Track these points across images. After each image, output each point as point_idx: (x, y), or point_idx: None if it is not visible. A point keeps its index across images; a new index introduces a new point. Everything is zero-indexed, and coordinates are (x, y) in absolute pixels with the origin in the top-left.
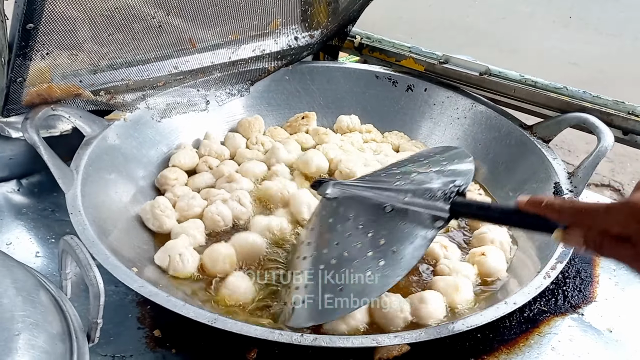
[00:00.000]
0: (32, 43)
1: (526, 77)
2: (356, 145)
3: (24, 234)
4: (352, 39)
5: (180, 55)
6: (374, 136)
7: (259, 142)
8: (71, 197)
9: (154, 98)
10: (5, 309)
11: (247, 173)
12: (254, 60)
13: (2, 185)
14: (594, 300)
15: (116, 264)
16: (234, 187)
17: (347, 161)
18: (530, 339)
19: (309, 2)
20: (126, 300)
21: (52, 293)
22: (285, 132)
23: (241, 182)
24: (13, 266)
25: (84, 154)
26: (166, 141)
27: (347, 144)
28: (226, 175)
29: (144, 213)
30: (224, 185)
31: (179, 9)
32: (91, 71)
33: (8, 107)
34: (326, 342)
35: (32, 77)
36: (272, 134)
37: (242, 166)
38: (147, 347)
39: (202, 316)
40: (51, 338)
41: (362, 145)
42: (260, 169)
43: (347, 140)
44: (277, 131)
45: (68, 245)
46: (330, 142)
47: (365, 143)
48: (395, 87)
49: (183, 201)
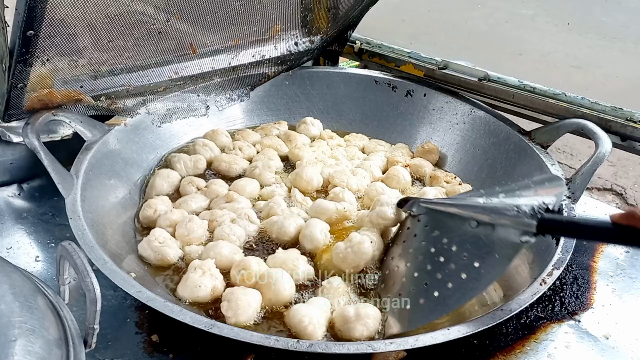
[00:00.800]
0: (32, 49)
1: (525, 83)
2: (327, 153)
3: (24, 238)
4: (352, 44)
5: (181, 60)
6: (338, 141)
7: (237, 147)
8: (71, 202)
9: (154, 103)
10: (2, 315)
11: (243, 191)
12: (254, 65)
13: (3, 189)
14: (590, 307)
15: (114, 269)
16: (236, 206)
17: (339, 174)
18: (527, 345)
19: (309, 8)
20: (124, 305)
21: (49, 298)
22: (255, 134)
23: (241, 200)
24: (11, 271)
25: (84, 159)
26: (166, 146)
27: (319, 153)
28: (222, 195)
29: (142, 250)
30: (224, 205)
31: (180, 14)
32: (92, 77)
33: (9, 112)
34: (322, 348)
35: (33, 82)
36: (242, 135)
37: (234, 184)
38: (144, 352)
39: (199, 322)
40: (48, 344)
41: (333, 152)
42: (254, 187)
43: (318, 151)
44: (246, 133)
45: (66, 251)
46: (306, 156)
47: (332, 150)
48: (395, 92)
49: (181, 227)
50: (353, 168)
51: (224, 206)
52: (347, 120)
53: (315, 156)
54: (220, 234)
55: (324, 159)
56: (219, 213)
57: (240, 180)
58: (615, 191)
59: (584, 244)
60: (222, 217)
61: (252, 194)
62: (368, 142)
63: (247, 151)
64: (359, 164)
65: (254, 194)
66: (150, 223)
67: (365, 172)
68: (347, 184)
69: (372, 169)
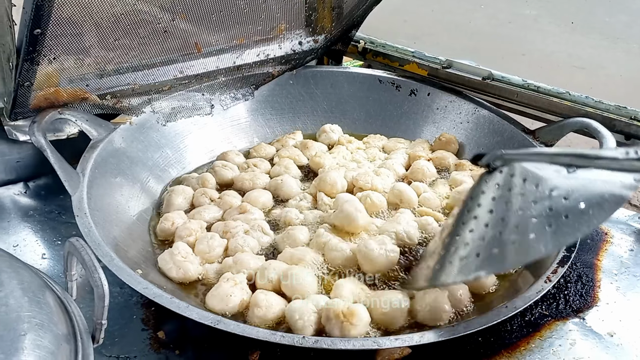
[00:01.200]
0: (39, 48)
1: (529, 82)
2: (348, 158)
3: (30, 236)
4: (356, 43)
5: (186, 59)
6: (357, 145)
7: (251, 165)
8: (77, 199)
9: (159, 102)
10: (11, 310)
11: (256, 203)
12: (259, 64)
13: (10, 187)
14: (595, 304)
15: (121, 265)
16: (249, 218)
17: (364, 175)
18: (532, 343)
19: (314, 7)
20: (131, 301)
21: (57, 294)
22: (270, 147)
23: (254, 212)
24: (20, 267)
25: (90, 157)
26: (171, 144)
27: (340, 159)
28: (235, 206)
29: (163, 263)
30: (237, 216)
31: (185, 14)
32: (98, 75)
33: (16, 110)
34: (327, 344)
35: (40, 81)
36: (257, 151)
37: (247, 196)
38: (151, 348)
39: (205, 318)
40: (56, 338)
41: (353, 156)
42: (267, 198)
43: (338, 156)
44: (261, 147)
45: (73, 247)
46: (327, 162)
47: (353, 153)
48: (399, 92)
49: (202, 244)
50: (376, 169)
51: (237, 217)
52: (351, 120)
53: (336, 162)
54: (235, 246)
55: (345, 163)
56: (233, 224)
57: (254, 191)
58: None
59: (588, 242)
60: (235, 229)
61: (265, 205)
62: (387, 142)
63: (262, 166)
64: (381, 164)
65: (267, 205)
66: (168, 236)
67: (388, 171)
68: (372, 185)
69: (395, 167)
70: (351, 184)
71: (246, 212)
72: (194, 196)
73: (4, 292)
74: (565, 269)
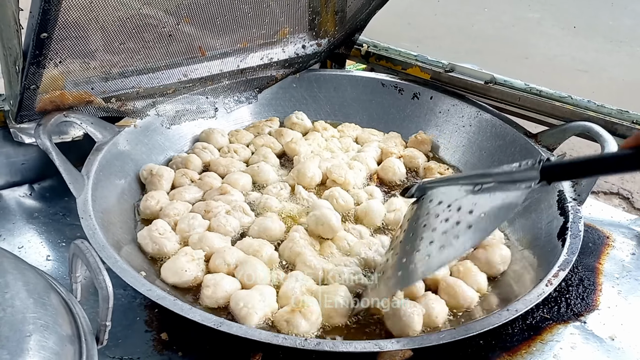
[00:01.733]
0: (45, 52)
1: (531, 86)
2: (322, 145)
3: (35, 238)
4: (359, 47)
5: (190, 63)
6: (332, 133)
7: (232, 150)
8: (82, 201)
9: (163, 105)
10: (17, 311)
11: (236, 185)
12: (262, 68)
13: (15, 189)
14: (596, 308)
15: (125, 267)
16: (230, 199)
17: (337, 168)
18: (533, 346)
19: (317, 12)
20: (134, 303)
21: (62, 296)
22: (248, 133)
23: (234, 193)
24: (25, 269)
25: (95, 160)
26: (175, 147)
27: (315, 145)
28: (216, 187)
29: (141, 239)
30: (218, 197)
31: (189, 18)
32: (103, 79)
33: (22, 113)
34: (329, 346)
35: (45, 84)
36: (235, 137)
37: (227, 178)
38: (154, 350)
39: (208, 320)
40: (61, 340)
41: (328, 144)
42: (246, 181)
43: (313, 144)
44: (241, 134)
45: (78, 249)
46: (302, 150)
47: (327, 141)
48: (402, 95)
49: (184, 222)
50: (349, 161)
51: (218, 198)
52: (353, 123)
53: (311, 149)
54: (217, 224)
55: (320, 151)
56: (214, 204)
57: (234, 174)
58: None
59: (590, 246)
60: (217, 209)
61: (245, 187)
62: (361, 132)
63: (242, 153)
64: (354, 156)
65: (246, 188)
66: (152, 215)
67: (361, 164)
68: (345, 178)
69: (368, 161)
70: (325, 175)
71: (227, 194)
72: (174, 177)
73: (10, 294)
74: (566, 272)
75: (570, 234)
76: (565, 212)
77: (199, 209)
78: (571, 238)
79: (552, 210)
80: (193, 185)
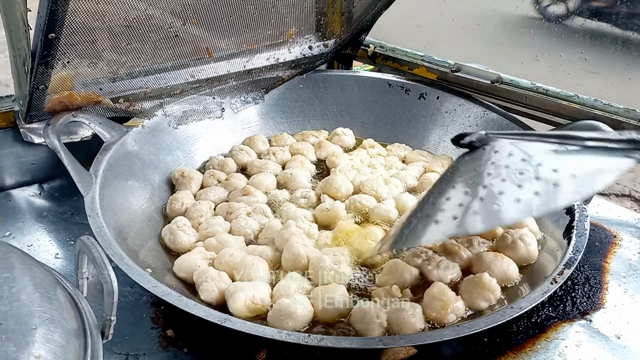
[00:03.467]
0: (53, 52)
1: (537, 85)
2: (365, 162)
3: (44, 236)
4: (366, 47)
5: (197, 64)
6: (378, 151)
7: (271, 153)
8: (90, 200)
9: (171, 105)
10: (23, 304)
11: (260, 186)
12: (269, 68)
13: (24, 189)
14: (602, 306)
15: (131, 264)
16: (252, 200)
17: (370, 182)
18: (537, 344)
19: (323, 12)
20: (141, 301)
21: (68, 291)
22: (291, 138)
23: (257, 195)
24: (32, 264)
25: (102, 159)
26: (182, 147)
27: (357, 161)
28: (240, 188)
29: (163, 234)
30: (241, 198)
31: (196, 19)
32: (111, 79)
33: (31, 113)
34: (332, 342)
35: (54, 84)
36: (276, 140)
37: (253, 178)
38: (160, 346)
39: (213, 316)
40: (66, 333)
41: (372, 161)
42: (270, 182)
43: (356, 159)
44: (282, 137)
45: (84, 245)
46: (342, 163)
47: (372, 158)
48: (408, 95)
49: (205, 223)
50: (387, 177)
51: (241, 199)
52: (360, 123)
53: (352, 164)
54: (237, 228)
55: (360, 167)
56: (236, 206)
57: (259, 174)
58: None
59: (597, 245)
60: (238, 210)
61: (269, 188)
62: (410, 153)
63: (280, 155)
64: (394, 174)
65: (270, 189)
66: (178, 216)
67: (399, 181)
68: (377, 192)
69: (407, 179)
70: (358, 188)
71: (249, 195)
72: (203, 178)
73: (16, 288)
74: (571, 270)
75: (576, 233)
76: (572, 210)
77: (222, 209)
78: (577, 236)
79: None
80: (219, 186)
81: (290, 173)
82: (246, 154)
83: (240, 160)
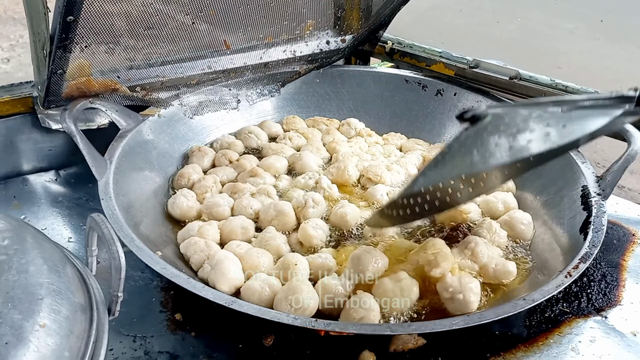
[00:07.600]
0: (72, 35)
1: (557, 82)
2: (364, 149)
3: (58, 220)
4: (384, 44)
5: (214, 55)
6: (376, 139)
7: (287, 137)
8: (103, 184)
9: (187, 96)
10: (31, 275)
11: (270, 168)
12: (285, 62)
13: (41, 174)
14: (619, 303)
15: (142, 247)
16: (259, 182)
17: (374, 167)
18: (550, 338)
19: (341, 5)
20: (151, 285)
21: (77, 267)
22: (301, 121)
23: (264, 176)
24: (42, 239)
25: (118, 146)
26: (198, 138)
27: (357, 148)
28: (249, 169)
29: (169, 204)
30: (248, 179)
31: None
32: (128, 67)
33: (49, 98)
34: (340, 327)
35: (72, 70)
36: (287, 124)
37: (263, 161)
38: (167, 329)
39: (220, 298)
40: (73, 306)
41: (370, 149)
42: (282, 165)
43: (355, 146)
44: (295, 120)
45: (94, 222)
46: (342, 149)
47: (370, 146)
48: (425, 92)
49: (210, 197)
50: (388, 164)
51: (247, 180)
52: (375, 119)
53: (352, 151)
54: (239, 206)
55: (360, 153)
56: (241, 186)
57: (270, 157)
58: None
59: (615, 243)
60: (243, 191)
61: (279, 171)
62: (406, 142)
63: (296, 141)
64: (395, 160)
65: (280, 172)
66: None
67: (400, 168)
68: (381, 177)
69: (408, 167)
70: (361, 174)
71: (256, 176)
72: (215, 157)
73: (25, 259)
74: (587, 265)
75: (593, 228)
76: (589, 206)
77: (228, 188)
78: (593, 232)
79: (575, 206)
80: (230, 167)
81: (299, 154)
82: (254, 137)
83: (248, 144)
